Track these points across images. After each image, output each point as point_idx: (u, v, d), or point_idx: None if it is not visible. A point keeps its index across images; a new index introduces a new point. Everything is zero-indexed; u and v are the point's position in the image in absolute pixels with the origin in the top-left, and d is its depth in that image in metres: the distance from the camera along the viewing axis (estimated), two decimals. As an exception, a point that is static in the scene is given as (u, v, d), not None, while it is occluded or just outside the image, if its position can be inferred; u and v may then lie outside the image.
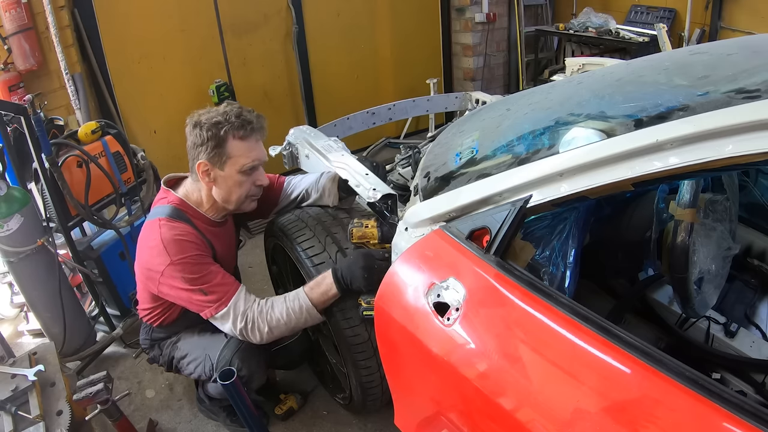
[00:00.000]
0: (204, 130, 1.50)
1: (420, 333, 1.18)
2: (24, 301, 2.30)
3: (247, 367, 1.64)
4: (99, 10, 3.02)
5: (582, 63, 2.54)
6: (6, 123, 1.99)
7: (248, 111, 1.56)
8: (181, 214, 1.60)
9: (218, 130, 1.50)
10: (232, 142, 1.52)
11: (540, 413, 0.95)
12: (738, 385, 1.47)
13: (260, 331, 1.55)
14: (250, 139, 1.55)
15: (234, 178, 1.57)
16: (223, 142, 1.51)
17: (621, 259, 1.67)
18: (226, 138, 1.51)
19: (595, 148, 1.04)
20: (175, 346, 1.77)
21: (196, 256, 1.53)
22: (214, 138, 1.50)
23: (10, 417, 1.50)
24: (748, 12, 3.75)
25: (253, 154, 1.57)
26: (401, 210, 1.49)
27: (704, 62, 1.26)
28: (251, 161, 1.56)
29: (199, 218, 1.63)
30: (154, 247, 1.53)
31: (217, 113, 1.52)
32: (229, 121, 1.51)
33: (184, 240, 1.53)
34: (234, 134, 1.52)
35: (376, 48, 4.35)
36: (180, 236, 1.53)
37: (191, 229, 1.58)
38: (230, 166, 1.55)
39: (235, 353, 1.64)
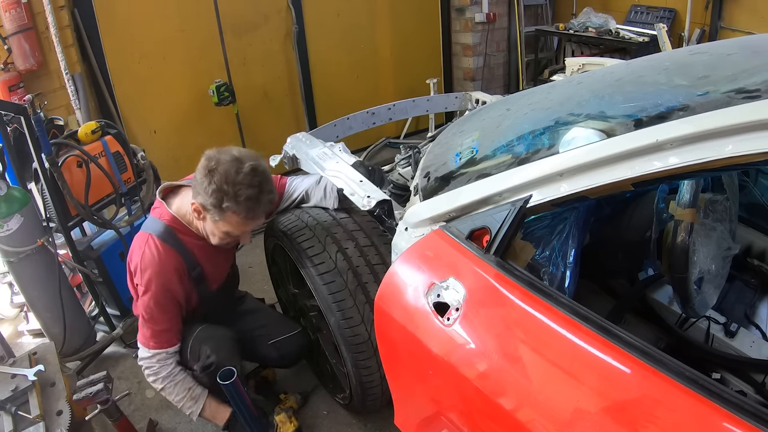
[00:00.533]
0: (212, 185, 1.41)
1: (420, 333, 1.18)
2: (24, 301, 2.30)
3: (217, 356, 1.65)
4: (99, 10, 3.02)
5: (582, 63, 2.54)
6: (6, 123, 1.99)
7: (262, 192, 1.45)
8: (171, 234, 1.59)
9: (221, 199, 1.41)
10: (231, 214, 1.45)
11: (540, 413, 0.95)
12: (738, 385, 1.47)
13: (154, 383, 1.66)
14: (252, 220, 1.51)
15: (220, 233, 1.54)
16: (222, 211, 1.45)
17: (621, 259, 1.67)
18: (227, 210, 1.44)
19: (595, 148, 1.04)
20: None
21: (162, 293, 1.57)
22: (216, 202, 1.42)
23: (10, 417, 1.50)
24: (748, 12, 3.75)
25: (247, 228, 1.54)
26: (398, 213, 1.49)
27: (704, 62, 1.26)
28: (239, 231, 1.54)
29: (189, 234, 1.62)
30: (137, 263, 1.58)
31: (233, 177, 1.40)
32: (237, 201, 1.41)
33: (160, 273, 1.55)
34: (236, 212, 1.44)
35: (376, 48, 4.35)
36: (159, 267, 1.55)
37: (176, 255, 1.58)
38: (220, 225, 1.51)
39: (203, 341, 1.67)
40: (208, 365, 1.65)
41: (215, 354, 1.65)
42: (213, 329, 1.72)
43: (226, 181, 1.40)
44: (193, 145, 3.52)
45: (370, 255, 1.66)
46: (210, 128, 3.58)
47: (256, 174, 1.43)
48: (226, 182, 1.40)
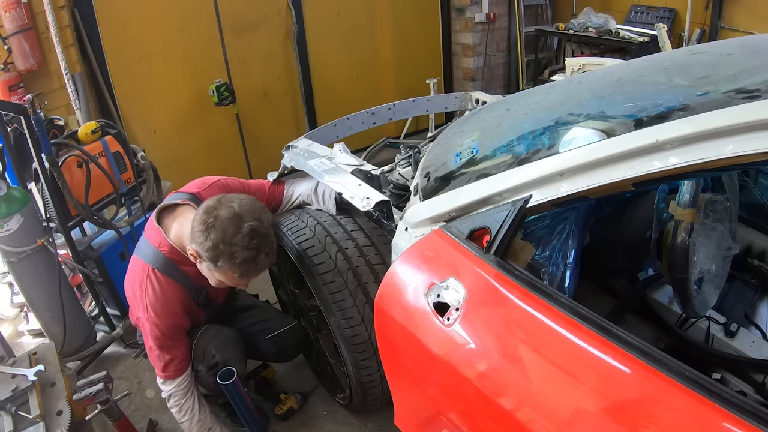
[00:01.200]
0: (208, 242, 1.37)
1: (420, 333, 1.18)
2: (24, 301, 2.30)
3: (222, 355, 1.66)
4: (99, 10, 3.02)
5: (582, 63, 2.54)
6: (6, 123, 1.99)
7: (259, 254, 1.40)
8: (171, 266, 1.55)
9: (216, 258, 1.38)
10: (227, 271, 1.42)
11: (540, 413, 0.95)
12: (738, 385, 1.47)
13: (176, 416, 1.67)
14: (247, 278, 1.49)
15: (215, 281, 1.51)
16: (218, 266, 1.41)
17: (621, 259, 1.67)
18: (222, 266, 1.41)
19: (595, 148, 1.04)
20: None
21: (170, 327, 1.56)
22: (213, 257, 1.39)
23: (10, 417, 1.50)
24: (748, 12, 3.75)
25: (241, 282, 1.51)
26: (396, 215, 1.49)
27: (704, 62, 1.26)
28: (234, 285, 1.54)
29: (188, 264, 1.56)
30: (138, 296, 1.56)
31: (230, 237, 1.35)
32: (232, 262, 1.38)
33: (165, 308, 1.54)
34: (231, 269, 1.41)
35: (376, 48, 4.34)
36: (163, 302, 1.54)
37: (179, 288, 1.57)
38: (216, 275, 1.47)
39: (209, 340, 1.67)
40: (213, 365, 1.65)
41: (220, 353, 1.66)
42: (217, 329, 1.72)
43: (222, 241, 1.35)
44: (193, 145, 3.55)
45: (370, 255, 1.66)
46: (210, 128, 3.58)
47: (254, 236, 1.38)
48: (223, 242, 1.35)
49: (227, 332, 1.74)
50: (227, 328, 1.76)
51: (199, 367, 1.68)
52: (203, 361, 1.67)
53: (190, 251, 1.46)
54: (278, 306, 2.32)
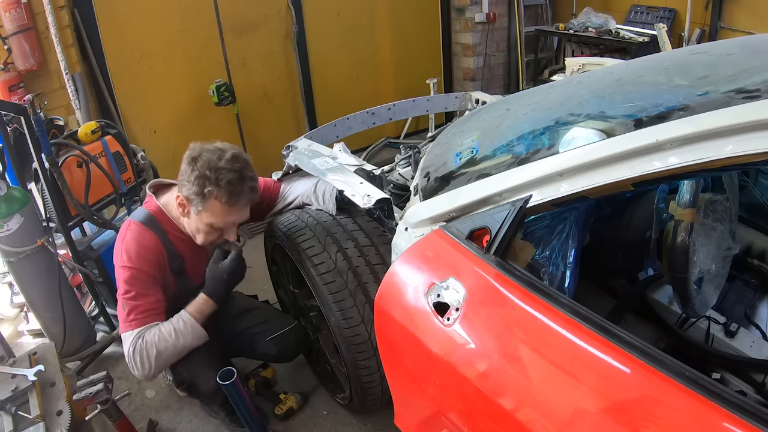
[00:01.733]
0: (193, 173, 1.46)
1: (420, 333, 1.18)
2: (24, 301, 2.30)
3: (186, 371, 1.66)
4: (99, 10, 3.02)
5: (582, 63, 2.54)
6: (6, 123, 1.99)
7: (243, 178, 1.48)
8: (154, 221, 1.60)
9: (204, 186, 1.45)
10: (214, 201, 1.48)
11: (540, 413, 0.95)
12: (738, 385, 1.47)
13: (148, 358, 1.50)
14: (233, 207, 1.51)
15: (203, 227, 1.55)
16: (205, 198, 1.48)
17: (621, 259, 1.67)
18: (209, 197, 1.47)
19: (595, 148, 1.04)
20: None
21: (142, 272, 1.54)
22: (199, 189, 1.46)
23: (10, 417, 1.50)
24: (748, 12, 3.75)
25: (229, 219, 1.54)
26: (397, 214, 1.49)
27: (704, 62, 1.26)
28: (223, 223, 1.55)
29: (173, 228, 1.64)
30: (117, 244, 1.60)
31: (213, 164, 1.45)
32: (218, 184, 1.45)
33: (140, 252, 1.54)
34: (218, 197, 1.47)
35: (376, 48, 4.34)
36: (139, 246, 1.54)
37: (156, 240, 1.58)
38: (203, 216, 1.52)
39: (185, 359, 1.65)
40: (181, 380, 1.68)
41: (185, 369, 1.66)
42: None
43: (208, 167, 1.45)
44: (193, 145, 3.54)
45: (370, 255, 1.66)
46: (210, 128, 3.58)
47: (237, 160, 1.48)
48: (209, 168, 1.45)
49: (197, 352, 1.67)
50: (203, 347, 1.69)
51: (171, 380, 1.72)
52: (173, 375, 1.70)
53: (179, 200, 1.53)
54: (278, 306, 2.32)
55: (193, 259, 1.70)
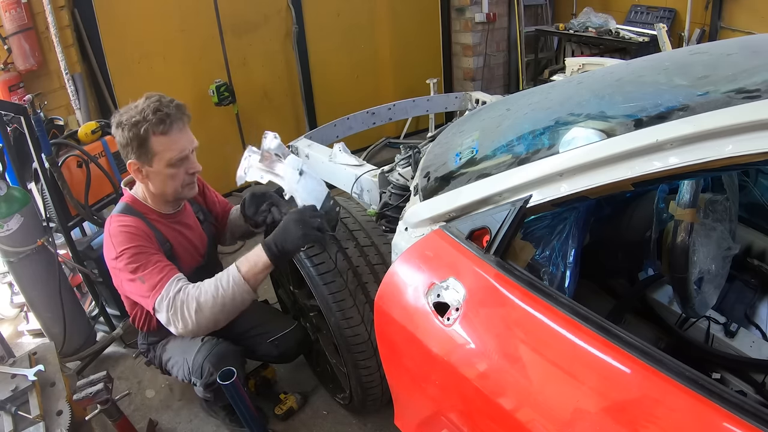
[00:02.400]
0: (126, 130, 1.49)
1: (420, 333, 1.18)
2: (24, 301, 2.30)
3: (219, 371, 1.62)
4: (99, 10, 3.02)
5: (582, 63, 2.54)
6: (6, 123, 1.99)
7: (167, 103, 1.53)
8: (131, 209, 1.62)
9: (138, 130, 1.48)
10: (154, 138, 1.50)
11: (540, 413, 0.95)
12: (738, 385, 1.47)
13: (189, 312, 1.42)
14: (172, 131, 1.52)
15: (164, 173, 1.56)
16: (146, 141, 1.49)
17: (621, 259, 1.67)
18: (148, 136, 1.49)
19: (595, 148, 1.04)
20: (164, 348, 1.79)
21: (138, 246, 1.52)
22: (136, 138, 1.49)
23: (10, 417, 1.50)
24: (748, 12, 3.75)
25: (178, 145, 1.54)
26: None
27: (704, 62, 1.26)
28: (177, 153, 1.55)
29: (150, 213, 1.65)
30: (106, 243, 1.57)
31: (136, 111, 1.50)
32: (147, 119, 1.48)
33: (127, 231, 1.54)
34: (154, 131, 1.49)
35: (376, 48, 4.34)
36: (124, 228, 1.54)
37: (140, 222, 1.59)
38: (158, 161, 1.53)
39: (206, 358, 1.66)
40: (211, 383, 1.65)
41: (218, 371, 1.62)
42: (214, 344, 1.69)
43: (131, 118, 1.49)
44: (193, 145, 3.54)
45: (370, 255, 1.66)
46: (210, 128, 3.58)
47: (150, 96, 1.54)
48: (132, 118, 1.49)
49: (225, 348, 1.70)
50: (224, 343, 1.72)
51: (198, 384, 1.68)
52: (201, 378, 1.67)
53: (132, 169, 1.55)
54: (278, 306, 2.32)
55: (180, 243, 1.69)
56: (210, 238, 1.86)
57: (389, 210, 1.73)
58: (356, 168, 1.93)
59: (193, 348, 1.69)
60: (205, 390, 1.68)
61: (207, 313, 1.44)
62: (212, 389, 1.67)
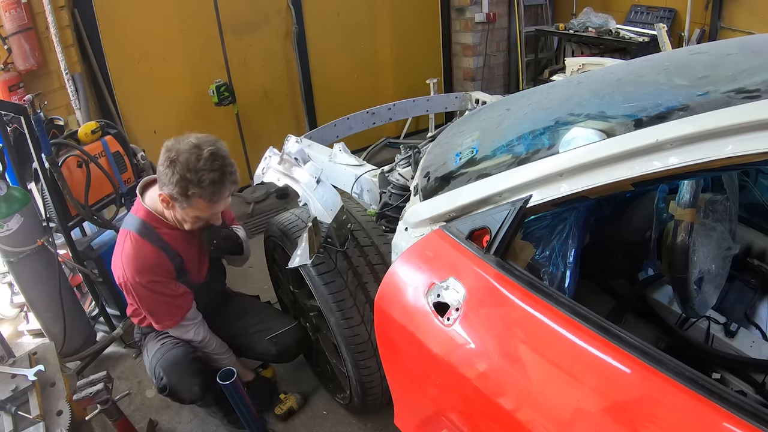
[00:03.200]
0: (176, 173, 1.44)
1: (420, 333, 1.18)
2: (24, 301, 2.30)
3: (168, 379, 1.66)
4: (99, 10, 3.02)
5: (582, 63, 2.54)
6: (6, 123, 1.99)
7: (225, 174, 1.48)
8: (148, 228, 1.62)
9: (186, 189, 1.46)
10: (199, 200, 1.50)
11: (540, 413, 0.95)
12: (738, 385, 1.47)
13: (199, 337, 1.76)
14: (218, 203, 1.53)
15: (190, 219, 1.58)
16: (189, 197, 1.49)
17: (621, 259, 1.67)
18: (192, 198, 1.48)
19: (595, 148, 1.04)
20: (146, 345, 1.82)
21: (153, 281, 1.59)
22: (181, 189, 1.46)
23: (10, 417, 1.50)
24: (748, 12, 3.74)
25: (215, 210, 1.56)
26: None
27: (704, 62, 1.26)
28: (209, 215, 1.57)
29: (165, 227, 1.65)
30: (117, 259, 1.63)
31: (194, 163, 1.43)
32: (201, 186, 1.45)
33: (142, 265, 1.57)
34: (202, 196, 1.48)
35: (376, 48, 4.34)
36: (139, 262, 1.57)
37: (155, 252, 1.60)
38: (188, 211, 1.54)
39: (158, 362, 1.69)
40: (161, 388, 1.68)
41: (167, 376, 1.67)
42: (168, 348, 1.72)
43: (188, 170, 1.44)
44: (193, 145, 3.54)
45: (370, 255, 1.66)
46: (210, 128, 3.53)
47: (216, 158, 1.47)
48: (188, 170, 1.44)
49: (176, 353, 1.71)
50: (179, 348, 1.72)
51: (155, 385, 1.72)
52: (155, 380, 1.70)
53: (162, 197, 1.53)
54: (278, 306, 2.32)
55: (188, 253, 1.71)
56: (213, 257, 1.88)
57: (389, 210, 1.73)
58: (356, 168, 1.93)
59: (152, 350, 1.73)
60: (159, 393, 1.71)
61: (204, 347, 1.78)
62: (165, 394, 1.69)
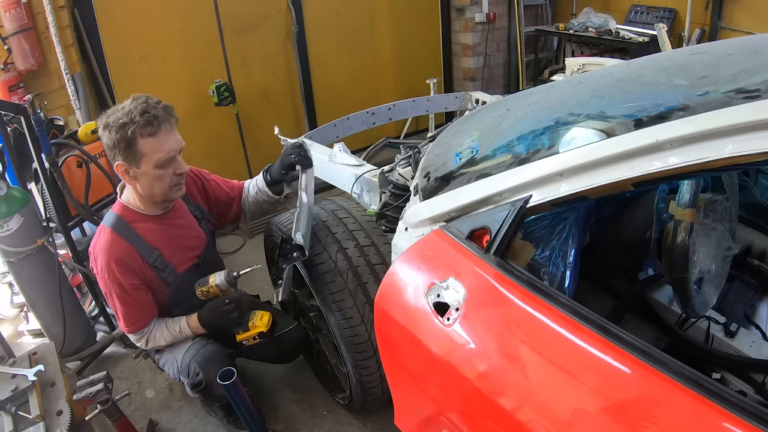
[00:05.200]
0: (113, 132, 1.49)
1: (420, 333, 1.18)
2: (24, 301, 2.30)
3: (205, 374, 1.65)
4: (99, 10, 3.02)
5: (582, 63, 2.54)
6: (6, 123, 1.99)
7: (154, 104, 1.52)
8: (122, 224, 1.63)
9: (125, 132, 1.47)
10: (142, 140, 1.49)
11: (540, 413, 0.95)
12: (738, 385, 1.47)
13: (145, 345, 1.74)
14: (159, 133, 1.52)
15: (152, 174, 1.56)
16: (133, 142, 1.49)
17: (621, 259, 1.67)
18: (135, 138, 1.49)
19: (595, 148, 1.04)
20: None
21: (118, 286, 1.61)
22: (123, 140, 1.48)
23: (10, 417, 1.50)
24: (748, 12, 3.74)
25: (166, 147, 1.54)
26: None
27: (704, 62, 1.26)
28: (165, 155, 1.55)
29: (140, 220, 1.65)
30: (90, 251, 1.67)
31: (122, 113, 1.49)
32: (134, 121, 1.47)
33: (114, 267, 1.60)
34: (142, 132, 1.49)
35: (376, 48, 4.34)
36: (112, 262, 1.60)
37: (126, 247, 1.61)
38: (145, 163, 1.53)
39: (193, 358, 1.67)
40: (197, 383, 1.67)
41: (203, 372, 1.66)
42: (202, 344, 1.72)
43: (118, 118, 1.49)
44: (193, 145, 3.53)
45: (370, 255, 1.66)
46: (210, 128, 3.58)
47: (137, 97, 1.53)
48: (119, 118, 1.48)
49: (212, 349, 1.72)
50: (213, 344, 1.74)
51: (185, 383, 1.70)
52: (188, 377, 1.69)
53: (120, 170, 1.56)
54: (278, 306, 2.32)
55: (169, 247, 1.69)
56: (209, 237, 1.85)
57: (389, 210, 1.73)
58: (356, 168, 1.93)
59: (183, 347, 1.71)
60: (191, 390, 1.70)
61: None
62: (199, 390, 1.68)
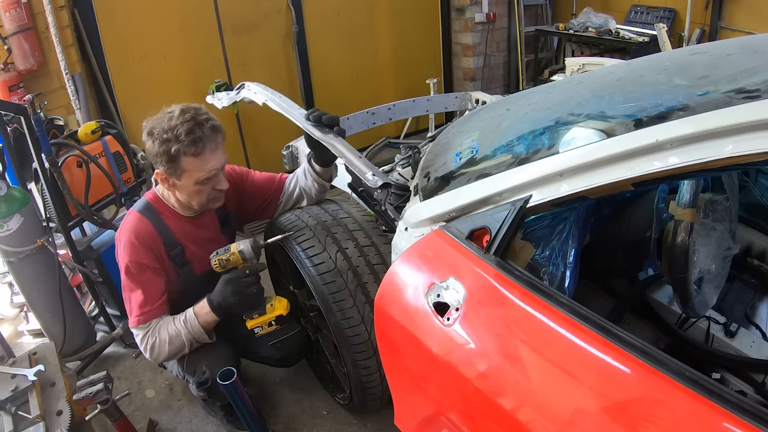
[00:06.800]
0: (156, 143, 1.48)
1: (420, 333, 1.18)
2: (24, 301, 2.30)
3: (212, 372, 1.64)
4: (99, 10, 3.02)
5: (582, 63, 2.54)
6: (6, 123, 1.99)
7: (201, 123, 1.49)
8: (151, 210, 1.64)
9: (169, 147, 1.47)
10: (185, 158, 1.49)
11: (540, 413, 0.95)
12: (738, 385, 1.47)
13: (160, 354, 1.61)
14: (204, 153, 1.51)
15: (192, 188, 1.57)
16: (176, 159, 1.49)
17: (621, 258, 1.67)
18: (178, 155, 1.48)
19: (595, 148, 1.04)
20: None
21: (138, 263, 1.58)
22: (166, 154, 1.48)
23: (10, 417, 1.50)
24: (748, 12, 3.75)
25: (209, 166, 1.54)
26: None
27: (704, 62, 1.26)
28: (206, 174, 1.54)
29: (171, 215, 1.66)
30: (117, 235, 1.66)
31: (169, 125, 1.47)
32: (179, 140, 1.46)
33: (134, 243, 1.57)
34: (186, 152, 1.48)
35: (376, 48, 4.35)
36: (133, 235, 1.58)
37: (150, 227, 1.61)
38: (186, 178, 1.54)
39: (200, 355, 1.66)
40: (203, 381, 1.67)
41: (210, 370, 1.65)
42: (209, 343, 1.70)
43: (164, 132, 1.47)
44: (193, 145, 3.55)
45: (370, 255, 1.66)
46: (210, 128, 3.58)
47: (186, 111, 1.50)
48: (164, 132, 1.47)
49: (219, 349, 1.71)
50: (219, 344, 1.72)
51: (191, 382, 1.70)
52: (194, 376, 1.68)
53: (159, 178, 1.56)
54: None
55: (193, 246, 1.70)
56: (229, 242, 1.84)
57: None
58: (356, 168, 1.92)
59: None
60: (198, 388, 1.69)
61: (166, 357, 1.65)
62: (205, 388, 1.68)
